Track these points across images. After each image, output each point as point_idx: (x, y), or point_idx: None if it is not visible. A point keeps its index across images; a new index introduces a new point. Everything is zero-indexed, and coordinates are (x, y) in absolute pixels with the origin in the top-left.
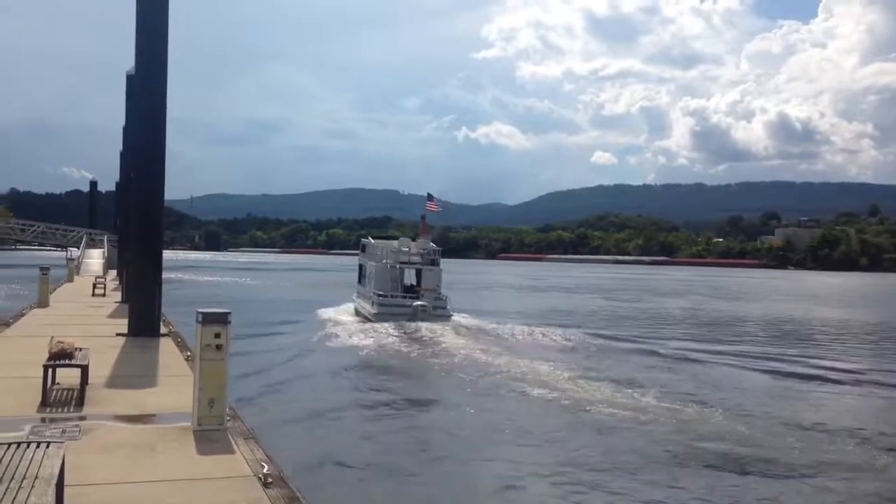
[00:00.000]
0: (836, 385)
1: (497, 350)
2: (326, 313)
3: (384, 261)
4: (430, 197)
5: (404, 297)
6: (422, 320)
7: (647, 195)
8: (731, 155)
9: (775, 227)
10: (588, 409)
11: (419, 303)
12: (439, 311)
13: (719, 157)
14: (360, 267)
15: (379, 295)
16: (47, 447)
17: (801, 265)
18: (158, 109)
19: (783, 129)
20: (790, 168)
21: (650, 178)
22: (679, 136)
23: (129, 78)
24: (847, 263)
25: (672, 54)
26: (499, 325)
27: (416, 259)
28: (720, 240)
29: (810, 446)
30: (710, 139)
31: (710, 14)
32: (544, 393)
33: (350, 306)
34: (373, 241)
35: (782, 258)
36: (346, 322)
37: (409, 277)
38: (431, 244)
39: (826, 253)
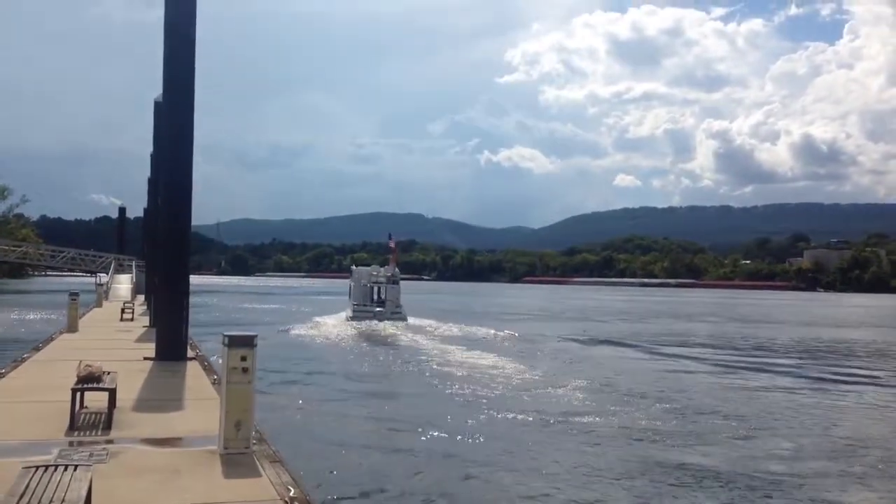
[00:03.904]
0: None
1: (415, 335)
2: (320, 318)
3: (361, 281)
4: (390, 237)
5: (372, 306)
6: (380, 320)
7: (672, 218)
8: (757, 177)
9: (804, 249)
10: (456, 365)
11: (378, 309)
12: (395, 316)
13: (745, 179)
14: (349, 286)
15: (354, 304)
16: (75, 470)
17: (830, 287)
18: (185, 136)
19: (809, 150)
20: (818, 189)
21: (675, 201)
22: (703, 158)
23: (157, 105)
24: (878, 285)
25: (696, 77)
26: (437, 323)
27: (383, 280)
28: (747, 262)
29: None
30: (734, 161)
31: (734, 36)
32: (435, 358)
33: (342, 315)
34: (356, 267)
35: (812, 280)
36: (328, 322)
37: (383, 292)
38: (396, 269)
39: (856, 275)
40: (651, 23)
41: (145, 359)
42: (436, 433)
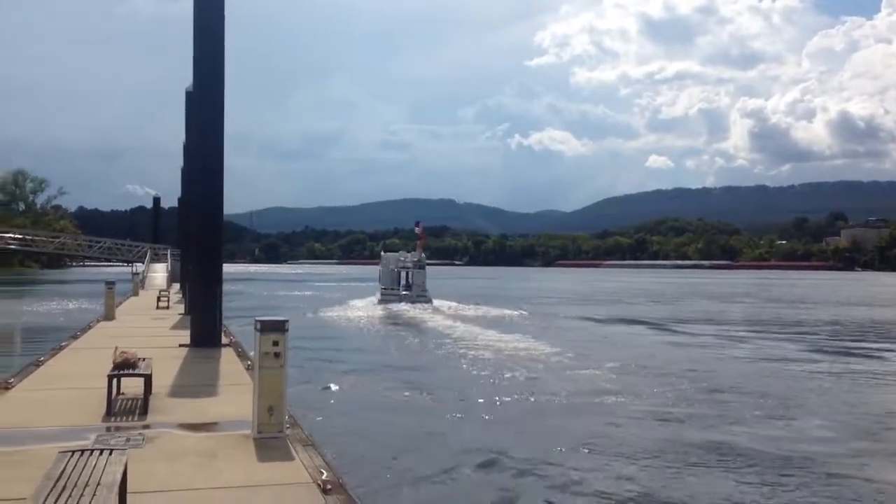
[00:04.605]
0: None
1: (439, 316)
2: (351, 302)
3: (389, 266)
4: (417, 224)
5: (399, 289)
6: (406, 303)
7: (706, 199)
8: (794, 155)
9: (841, 228)
10: (477, 345)
11: (405, 293)
12: (421, 299)
13: (781, 158)
14: (379, 271)
15: (383, 288)
16: (110, 454)
17: (869, 266)
18: (217, 125)
19: (846, 127)
20: (856, 167)
21: (709, 182)
22: (738, 137)
23: (188, 94)
24: None
25: (731, 54)
26: (461, 305)
27: (409, 265)
28: (784, 242)
29: None
30: (770, 140)
31: (769, 12)
32: (457, 338)
33: (372, 298)
34: (385, 253)
35: (849, 259)
36: (358, 305)
37: (411, 277)
38: (422, 255)
39: (895, 253)
40: (684, 1)
41: (180, 345)
42: (462, 414)
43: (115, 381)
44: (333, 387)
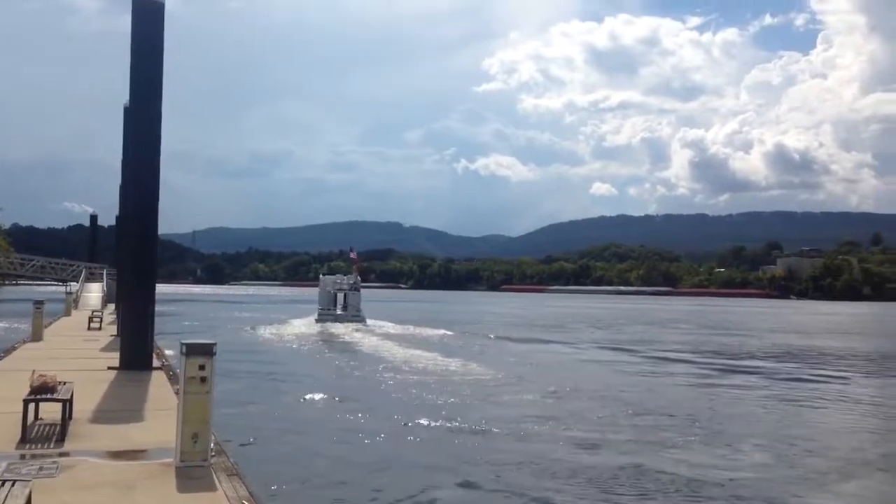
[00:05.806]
0: None
1: (371, 336)
2: (291, 321)
3: (326, 288)
4: (351, 249)
5: (335, 310)
6: (341, 322)
7: (648, 226)
8: (732, 185)
9: (777, 257)
10: (404, 364)
11: (340, 313)
12: (355, 319)
13: (720, 188)
14: (318, 293)
15: (320, 309)
16: (12, 486)
17: (803, 295)
18: (153, 140)
19: (782, 159)
20: (791, 198)
21: (652, 209)
22: (679, 167)
23: (126, 111)
24: (850, 293)
25: (672, 86)
26: (393, 325)
27: (346, 287)
28: (722, 270)
29: None
30: (710, 170)
31: (710, 46)
32: (370, 350)
33: (311, 318)
34: (323, 276)
35: (785, 288)
36: (297, 324)
37: (346, 298)
38: (357, 278)
39: (829, 282)
40: (627, 32)
41: (109, 368)
42: (387, 437)
43: (32, 405)
44: (262, 410)
